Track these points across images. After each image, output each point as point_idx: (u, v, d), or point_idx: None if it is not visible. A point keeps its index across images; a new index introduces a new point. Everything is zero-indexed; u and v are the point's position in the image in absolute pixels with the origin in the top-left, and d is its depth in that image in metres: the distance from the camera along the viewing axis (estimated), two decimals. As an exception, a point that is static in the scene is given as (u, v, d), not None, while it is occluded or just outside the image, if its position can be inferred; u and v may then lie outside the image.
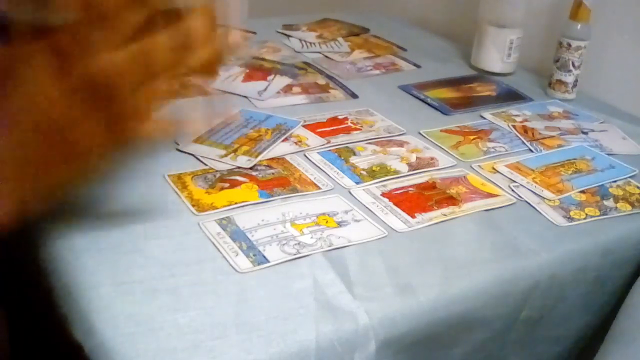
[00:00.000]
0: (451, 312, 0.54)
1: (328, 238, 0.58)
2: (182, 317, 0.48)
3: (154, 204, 0.61)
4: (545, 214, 0.66)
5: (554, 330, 0.64)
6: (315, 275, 0.53)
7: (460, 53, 1.13)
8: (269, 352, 0.46)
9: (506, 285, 0.57)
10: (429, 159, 0.74)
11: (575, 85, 0.95)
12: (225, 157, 0.70)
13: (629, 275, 0.66)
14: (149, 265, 0.52)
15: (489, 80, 1.02)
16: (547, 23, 1.05)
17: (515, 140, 0.82)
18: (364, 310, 0.50)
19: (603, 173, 0.75)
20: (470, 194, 0.68)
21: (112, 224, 0.57)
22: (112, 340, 0.45)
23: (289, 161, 0.71)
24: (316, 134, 0.78)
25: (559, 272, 0.60)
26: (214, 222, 0.59)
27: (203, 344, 0.45)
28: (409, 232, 0.61)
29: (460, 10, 1.24)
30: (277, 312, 0.49)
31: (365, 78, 0.99)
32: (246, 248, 0.56)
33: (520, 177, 0.72)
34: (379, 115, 0.85)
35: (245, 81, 0.92)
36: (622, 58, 0.97)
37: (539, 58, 1.06)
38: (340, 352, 0.48)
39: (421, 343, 0.53)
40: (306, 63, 1.02)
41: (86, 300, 0.48)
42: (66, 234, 0.55)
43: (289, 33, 1.16)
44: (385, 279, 0.54)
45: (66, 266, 0.52)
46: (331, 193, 0.66)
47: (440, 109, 0.89)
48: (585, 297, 0.64)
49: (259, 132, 0.76)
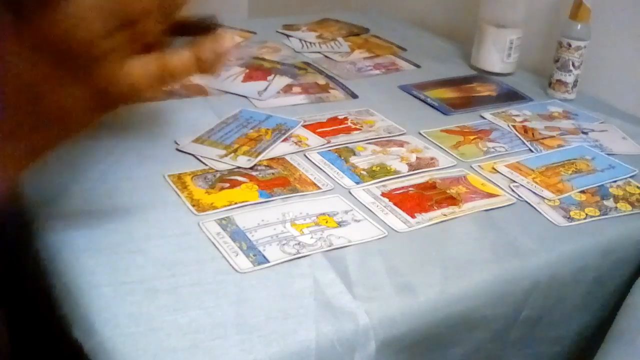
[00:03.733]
0: (451, 312, 0.54)
1: (328, 238, 0.58)
2: (182, 317, 0.48)
3: (154, 204, 0.61)
4: (545, 214, 0.66)
5: (554, 330, 0.64)
6: (315, 275, 0.53)
7: (460, 53, 1.13)
8: (269, 352, 0.46)
9: (506, 285, 0.57)
10: (429, 159, 0.74)
11: (575, 85, 0.95)
12: (225, 157, 0.70)
13: (629, 275, 0.66)
14: (149, 265, 0.52)
15: (489, 80, 1.02)
16: (547, 23, 1.05)
17: (515, 140, 0.82)
18: (364, 310, 0.50)
19: (603, 173, 0.75)
20: (470, 194, 0.68)
21: (112, 224, 0.57)
22: (112, 340, 0.45)
23: (289, 161, 0.71)
24: (316, 134, 0.78)
25: (559, 272, 0.60)
26: (214, 222, 0.59)
27: (203, 344, 0.45)
28: (409, 232, 0.61)
29: (460, 10, 1.24)
30: (277, 312, 0.49)
31: (365, 78, 0.99)
32: (246, 248, 0.56)
33: (520, 177, 0.72)
34: (379, 115, 0.85)
35: (245, 81, 0.92)
36: (622, 58, 0.97)
37: (539, 58, 1.06)
38: (340, 352, 0.48)
39: (421, 343, 0.53)
40: (306, 63, 1.02)
41: (86, 300, 0.48)
42: (66, 234, 0.55)
43: (289, 33, 1.16)
44: (385, 279, 0.54)
45: (66, 266, 0.52)
46: (331, 193, 0.66)
47: (440, 109, 0.89)
48: (585, 297, 0.64)
49: (259, 132, 0.76)
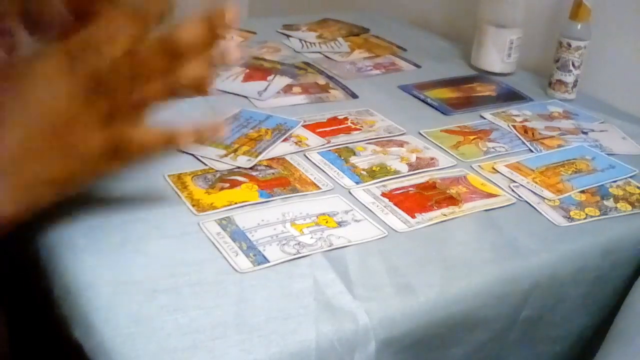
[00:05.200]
0: (451, 312, 0.54)
1: (328, 238, 0.58)
2: (182, 317, 0.47)
3: (154, 204, 0.61)
4: (545, 214, 0.66)
5: (554, 330, 0.64)
6: (315, 275, 0.53)
7: (460, 53, 1.13)
8: (269, 352, 0.46)
9: (506, 285, 0.57)
10: (429, 159, 0.74)
11: (575, 85, 0.95)
12: (225, 157, 0.70)
13: (629, 276, 0.66)
14: (149, 265, 0.52)
15: (489, 80, 1.02)
16: (547, 23, 1.05)
17: (515, 140, 0.82)
18: (364, 310, 0.50)
19: (603, 173, 0.75)
20: (470, 194, 0.68)
21: (112, 223, 0.57)
22: (112, 340, 0.45)
23: (289, 161, 0.71)
24: (316, 134, 0.78)
25: (559, 272, 0.60)
26: (214, 222, 0.59)
27: (203, 344, 0.45)
28: (409, 232, 0.61)
29: (460, 10, 1.24)
30: (277, 312, 0.49)
31: (365, 78, 0.99)
32: (246, 248, 0.55)
33: (520, 177, 0.72)
34: (379, 115, 0.85)
35: (245, 81, 0.92)
36: (622, 58, 0.97)
37: (539, 58, 1.06)
38: (340, 352, 0.48)
39: (421, 343, 0.53)
40: (306, 63, 1.02)
41: (86, 300, 0.48)
42: (66, 234, 0.55)
43: (289, 33, 1.16)
44: (385, 279, 0.54)
45: (66, 266, 0.52)
46: (331, 193, 0.66)
47: (440, 109, 0.89)
48: (585, 297, 0.64)
49: (259, 132, 0.76)
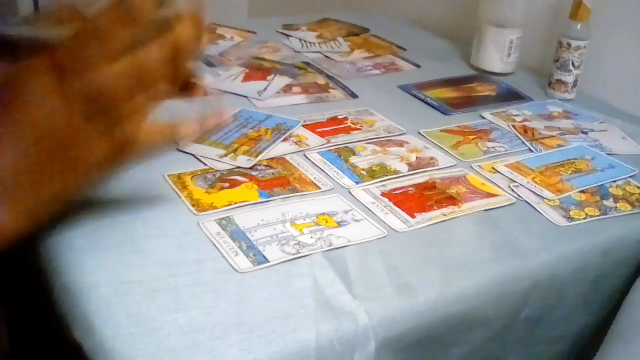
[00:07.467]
0: (451, 312, 0.54)
1: (328, 238, 0.58)
2: (182, 317, 0.48)
3: (154, 204, 0.61)
4: (545, 214, 0.66)
5: (554, 330, 0.64)
6: (315, 275, 0.53)
7: (460, 53, 1.13)
8: (269, 352, 0.46)
9: (506, 285, 0.57)
10: (429, 159, 0.74)
11: (575, 85, 0.95)
12: (225, 157, 0.70)
13: (629, 275, 0.66)
14: (149, 265, 0.52)
15: (489, 80, 1.02)
16: (547, 23, 1.05)
17: (515, 140, 0.82)
18: (364, 310, 0.50)
19: (603, 173, 0.75)
20: (470, 194, 0.68)
21: (112, 224, 0.57)
22: (112, 340, 0.45)
23: (289, 161, 0.71)
24: (316, 134, 0.78)
25: (559, 272, 0.60)
26: (214, 222, 0.59)
27: (203, 344, 0.45)
28: (409, 232, 0.61)
29: (460, 10, 1.24)
30: (277, 312, 0.49)
31: (365, 78, 0.99)
32: (246, 248, 0.55)
33: (520, 177, 0.72)
34: (379, 115, 0.85)
35: (245, 81, 0.92)
36: (622, 58, 0.97)
37: (539, 58, 1.06)
38: (340, 352, 0.48)
39: (421, 343, 0.53)
40: (306, 63, 1.02)
41: (86, 300, 0.48)
42: (66, 234, 0.55)
43: (289, 33, 1.16)
44: (385, 279, 0.54)
45: (66, 266, 0.52)
46: (331, 193, 0.66)
47: (440, 109, 0.89)
48: (585, 297, 0.64)
49: (259, 132, 0.76)
